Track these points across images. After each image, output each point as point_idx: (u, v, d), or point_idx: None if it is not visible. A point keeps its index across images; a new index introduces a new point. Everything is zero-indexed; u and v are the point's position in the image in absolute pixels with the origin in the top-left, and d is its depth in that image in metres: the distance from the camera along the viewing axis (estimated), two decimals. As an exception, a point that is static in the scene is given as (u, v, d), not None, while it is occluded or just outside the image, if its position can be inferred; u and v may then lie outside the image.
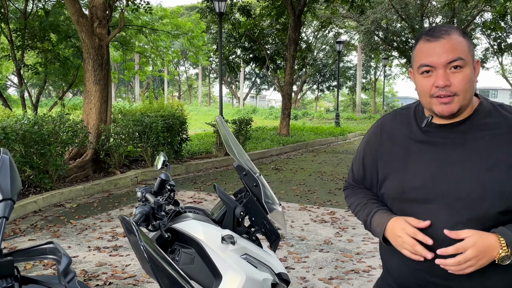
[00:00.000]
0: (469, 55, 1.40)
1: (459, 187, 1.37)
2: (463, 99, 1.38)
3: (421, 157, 1.46)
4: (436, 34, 1.40)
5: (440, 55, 1.38)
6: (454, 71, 1.38)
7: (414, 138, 1.50)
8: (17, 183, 1.10)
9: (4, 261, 0.96)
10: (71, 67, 12.50)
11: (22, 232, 5.52)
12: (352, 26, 34.07)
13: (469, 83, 1.39)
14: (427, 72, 1.41)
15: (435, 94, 1.39)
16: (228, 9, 16.57)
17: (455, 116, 1.42)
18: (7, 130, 6.38)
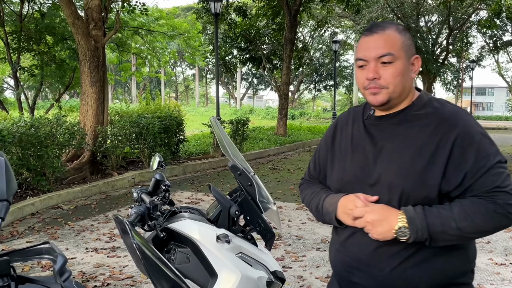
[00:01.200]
0: (402, 50, 1.46)
1: (388, 175, 1.45)
2: (392, 91, 1.46)
3: (360, 148, 1.56)
4: (372, 30, 1.49)
5: (371, 50, 1.46)
6: (384, 65, 1.45)
7: (357, 130, 1.60)
8: (12, 185, 1.12)
9: (0, 261, 0.98)
10: (68, 69, 12.50)
11: (19, 234, 5.53)
12: (348, 26, 34.13)
13: (399, 77, 1.45)
14: (361, 67, 1.49)
15: (367, 86, 1.48)
16: (224, 9, 16.58)
17: (386, 106, 1.50)
18: (3, 132, 6.38)
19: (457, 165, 1.38)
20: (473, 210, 1.35)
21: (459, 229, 1.35)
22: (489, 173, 1.37)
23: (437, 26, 30.67)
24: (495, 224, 1.37)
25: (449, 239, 1.37)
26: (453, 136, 1.40)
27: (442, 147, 1.40)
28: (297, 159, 12.62)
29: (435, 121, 1.44)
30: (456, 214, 1.35)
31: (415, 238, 1.35)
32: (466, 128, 1.42)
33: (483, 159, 1.38)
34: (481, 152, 1.39)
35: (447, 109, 1.48)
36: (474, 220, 1.35)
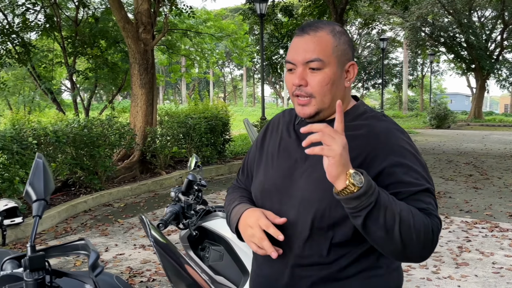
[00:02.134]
0: (333, 56, 1.31)
1: (307, 188, 1.30)
2: (321, 102, 1.32)
3: (286, 154, 1.41)
4: (304, 30, 1.34)
5: (300, 53, 1.31)
6: (312, 71, 1.30)
7: (287, 134, 1.46)
8: (50, 185, 1.22)
9: (36, 256, 1.07)
10: (120, 71, 12.96)
11: (73, 230, 5.82)
12: (397, 23, 33.39)
13: (328, 86, 1.30)
14: (291, 70, 1.35)
15: (294, 92, 1.34)
16: (270, 10, 16.65)
17: (315, 118, 1.35)
18: (58, 133, 6.72)
19: (386, 185, 1.24)
20: (415, 212, 1.20)
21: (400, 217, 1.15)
22: (420, 195, 1.24)
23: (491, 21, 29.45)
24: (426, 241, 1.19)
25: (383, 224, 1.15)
26: (383, 155, 1.27)
27: (369, 165, 1.26)
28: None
29: (366, 135, 1.31)
30: (399, 202, 1.19)
31: (367, 189, 1.11)
32: (397, 149, 1.28)
33: (414, 182, 1.25)
34: (413, 174, 1.26)
35: (380, 125, 1.34)
36: (415, 220, 1.18)
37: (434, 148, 15.41)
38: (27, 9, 11.55)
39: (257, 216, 1.30)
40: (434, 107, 27.39)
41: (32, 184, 1.20)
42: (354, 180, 1.11)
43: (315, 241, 1.30)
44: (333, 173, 1.12)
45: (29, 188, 1.20)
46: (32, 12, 11.74)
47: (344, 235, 1.28)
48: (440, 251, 4.80)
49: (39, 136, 6.47)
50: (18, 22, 11.65)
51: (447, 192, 7.85)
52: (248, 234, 1.32)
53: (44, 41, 14.06)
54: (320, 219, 1.27)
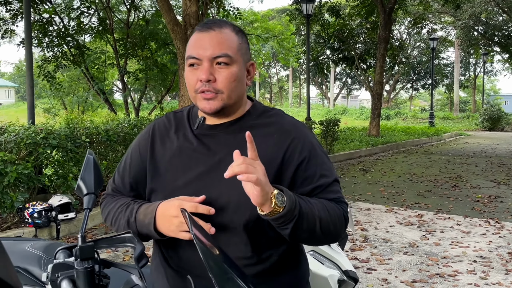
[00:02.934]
0: (239, 53, 1.31)
1: (227, 192, 1.28)
2: (227, 97, 1.30)
3: (192, 162, 1.35)
4: (208, 26, 1.32)
5: (206, 48, 1.28)
6: (220, 67, 1.29)
7: (186, 141, 1.39)
8: (99, 180, 1.30)
9: (86, 246, 1.14)
10: (169, 72, 13.26)
11: (122, 226, 6.02)
12: (448, 22, 32.39)
13: (235, 82, 1.30)
14: (193, 66, 1.31)
15: (199, 89, 1.30)
16: (316, 10, 16.57)
17: (220, 114, 1.33)
18: (109, 132, 6.97)
19: (304, 179, 1.32)
20: (329, 205, 1.30)
21: (319, 218, 1.24)
22: (332, 185, 1.34)
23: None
24: (341, 226, 1.32)
25: (307, 228, 1.23)
26: (298, 150, 1.32)
27: (288, 161, 1.31)
28: (389, 161, 12.27)
29: (277, 132, 1.34)
30: (316, 203, 1.27)
31: (290, 207, 1.16)
32: (308, 142, 1.36)
33: (326, 173, 1.34)
34: (323, 165, 1.35)
35: (286, 120, 1.39)
36: (331, 214, 1.28)
37: (486, 151, 14.86)
38: (82, 13, 12.05)
39: (178, 204, 1.24)
40: (487, 108, 26.43)
41: (83, 179, 1.28)
42: (278, 201, 1.15)
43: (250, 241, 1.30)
44: (259, 201, 1.14)
45: (81, 183, 1.28)
46: (86, 16, 12.24)
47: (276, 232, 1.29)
48: (489, 257, 4.65)
49: (91, 135, 6.74)
50: (73, 25, 12.17)
51: (498, 196, 7.57)
52: (176, 224, 1.23)
53: (97, 43, 14.60)
54: (252, 222, 1.28)
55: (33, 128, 5.87)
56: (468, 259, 4.61)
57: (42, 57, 12.22)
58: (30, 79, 6.83)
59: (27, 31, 6.87)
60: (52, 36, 11.50)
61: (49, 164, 6.27)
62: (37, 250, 1.72)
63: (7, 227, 5.31)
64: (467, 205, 6.96)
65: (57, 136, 5.91)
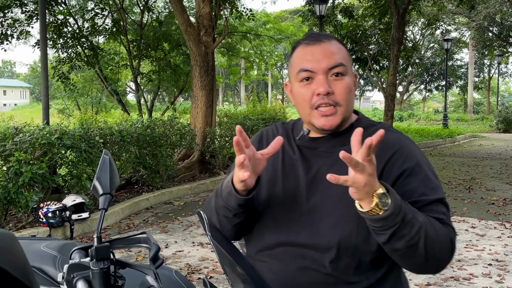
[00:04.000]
0: (349, 63, 1.30)
1: (324, 206, 1.25)
2: (346, 110, 1.27)
3: (292, 172, 1.33)
4: (316, 38, 1.28)
5: (320, 60, 1.25)
6: (336, 78, 1.26)
7: (289, 151, 1.38)
8: (115, 180, 1.30)
9: (102, 246, 1.14)
10: (182, 73, 13.30)
11: (135, 226, 6.05)
12: (462, 23, 32.06)
13: (351, 94, 1.28)
14: (307, 80, 1.27)
15: (316, 103, 1.26)
16: (329, 11, 16.51)
17: (337, 129, 1.30)
18: (123, 133, 7.01)
19: (403, 193, 1.19)
20: (437, 224, 1.18)
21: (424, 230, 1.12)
22: (435, 205, 1.22)
23: None
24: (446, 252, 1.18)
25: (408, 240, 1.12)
26: (398, 163, 1.24)
27: (387, 175, 1.23)
28: (404, 163, 12.17)
29: (380, 147, 1.20)
30: (423, 216, 1.16)
31: (393, 212, 1.07)
32: (411, 156, 1.27)
33: (430, 191, 1.23)
34: (428, 183, 1.24)
35: (391, 135, 1.30)
36: (438, 232, 1.16)
37: (501, 153, 14.67)
38: (96, 14, 12.13)
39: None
40: (502, 110, 26.12)
41: (99, 179, 1.28)
42: (380, 202, 1.07)
43: (342, 260, 1.23)
44: (356, 197, 1.09)
45: (96, 183, 1.28)
46: (100, 17, 12.32)
47: (372, 253, 1.24)
48: (504, 260, 4.58)
49: (105, 136, 6.78)
50: (88, 26, 12.26)
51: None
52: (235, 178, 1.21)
53: (111, 45, 14.70)
54: (350, 240, 1.21)
55: (48, 129, 5.92)
56: (483, 262, 4.55)
57: (57, 58, 12.34)
58: (45, 80, 6.89)
59: (42, 32, 6.94)
60: (67, 37, 11.60)
61: (63, 164, 6.32)
62: (52, 250, 1.72)
63: (21, 227, 5.36)
64: (482, 208, 6.87)
65: (71, 137, 5.95)
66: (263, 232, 1.34)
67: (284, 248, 1.28)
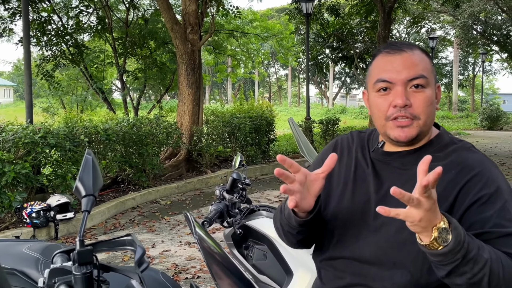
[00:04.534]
0: (432, 75, 1.24)
1: (391, 225, 1.20)
2: (423, 124, 1.22)
3: (362, 185, 1.31)
4: (397, 47, 1.24)
5: (400, 71, 1.21)
6: (415, 90, 1.21)
7: (362, 162, 1.35)
8: (98, 181, 1.25)
9: (84, 250, 1.10)
10: (168, 71, 13.21)
11: (121, 226, 5.98)
12: (447, 21, 32.36)
13: (431, 107, 1.22)
14: (384, 90, 1.23)
15: (392, 115, 1.21)
16: (316, 9, 16.53)
17: (413, 142, 1.25)
18: (108, 131, 6.93)
19: (474, 221, 1.14)
20: (506, 260, 1.09)
21: (489, 268, 1.06)
22: (509, 238, 1.12)
23: (548, 18, 28.07)
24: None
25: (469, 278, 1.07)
26: (476, 188, 1.16)
27: (462, 199, 1.16)
28: (391, 160, 12.24)
29: (457, 168, 1.19)
30: (490, 250, 1.09)
31: (453, 248, 1.02)
32: (491, 181, 1.17)
33: (505, 222, 1.13)
34: (506, 213, 1.14)
35: (473, 156, 1.23)
36: (505, 269, 1.08)
37: (485, 150, 14.83)
38: (81, 12, 11.99)
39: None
40: (486, 107, 26.40)
41: (82, 180, 1.23)
42: (439, 237, 1.02)
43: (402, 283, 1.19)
44: (413, 230, 1.05)
45: (79, 184, 1.23)
46: (85, 14, 12.19)
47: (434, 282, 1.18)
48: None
49: (90, 134, 6.69)
50: (72, 24, 12.11)
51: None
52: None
53: (96, 42, 14.54)
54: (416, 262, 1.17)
55: (32, 128, 5.82)
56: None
57: (41, 56, 12.16)
58: (28, 78, 6.78)
59: (25, 29, 6.82)
60: (51, 35, 11.44)
61: (48, 164, 6.22)
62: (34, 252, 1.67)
63: (5, 227, 5.26)
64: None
65: (55, 136, 5.86)
66: (328, 244, 1.33)
67: (347, 261, 1.28)
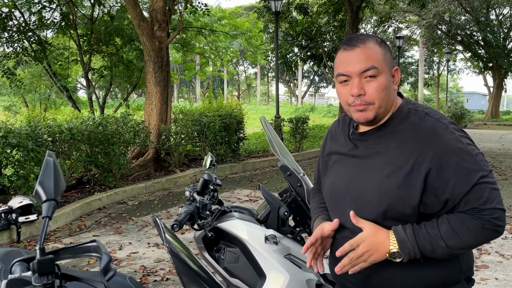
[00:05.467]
0: (384, 63, 1.41)
1: (365, 193, 1.42)
2: (378, 107, 1.41)
3: (345, 162, 1.53)
4: (352, 43, 1.42)
5: (354, 65, 1.40)
6: (369, 79, 1.39)
7: (344, 144, 1.57)
8: (60, 184, 1.17)
9: (45, 259, 1.02)
10: (135, 69, 12.99)
11: (87, 228, 5.81)
12: (413, 21, 33.04)
13: (384, 91, 1.40)
14: (345, 81, 1.43)
15: (352, 103, 1.42)
16: (285, 8, 16.56)
17: (372, 122, 1.45)
18: (73, 131, 6.73)
19: (435, 190, 1.34)
20: (460, 227, 1.32)
21: (448, 247, 1.32)
22: (471, 192, 1.32)
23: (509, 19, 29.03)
24: (483, 239, 1.35)
25: (440, 256, 1.35)
26: (428, 158, 1.34)
27: (417, 169, 1.35)
28: (359, 158, 12.38)
29: (412, 138, 1.39)
30: (444, 232, 1.32)
31: (409, 258, 1.34)
32: (442, 146, 1.34)
33: (463, 179, 1.32)
34: (460, 171, 1.32)
35: (425, 124, 1.40)
36: (462, 238, 1.32)
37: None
38: (43, 7, 11.63)
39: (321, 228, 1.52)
40: (451, 106, 27.08)
41: (42, 184, 1.14)
42: (392, 257, 1.35)
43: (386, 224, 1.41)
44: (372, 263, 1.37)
45: (39, 188, 1.14)
46: (48, 10, 11.82)
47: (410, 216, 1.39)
48: (459, 253, 4.69)
49: (54, 134, 6.48)
50: (34, 20, 11.74)
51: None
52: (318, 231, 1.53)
53: (60, 39, 14.16)
54: (384, 218, 1.39)
55: (-9, 127, 5.59)
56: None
57: (2, 53, 11.74)
58: (-12, 75, 6.51)
59: (-16, 25, 6.55)
60: (12, 31, 11.06)
61: (9, 164, 6.00)
62: (-7, 259, 1.57)
63: (-37, 231, 5.04)
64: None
65: (17, 135, 5.65)
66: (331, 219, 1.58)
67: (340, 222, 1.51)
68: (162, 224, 0.93)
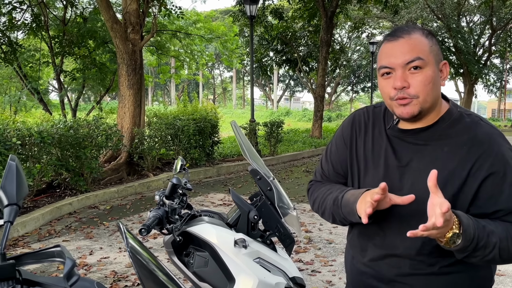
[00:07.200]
0: (431, 55, 1.32)
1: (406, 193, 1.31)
2: (423, 101, 1.32)
3: (382, 161, 1.44)
4: (396, 34, 1.35)
5: (398, 56, 1.32)
6: (414, 71, 1.31)
7: (379, 139, 1.47)
8: (23, 189, 1.15)
9: (5, 265, 1.00)
10: (108, 72, 12.81)
11: (57, 233, 5.71)
12: (386, 27, 33.61)
13: (430, 85, 1.31)
14: (387, 74, 1.35)
15: (394, 96, 1.33)
16: (260, 12, 16.64)
17: (417, 119, 1.36)
18: (43, 134, 6.60)
19: (489, 197, 1.30)
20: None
21: (498, 248, 1.26)
22: None
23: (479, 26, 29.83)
24: None
25: (485, 257, 1.28)
26: (487, 165, 1.29)
27: (474, 175, 1.30)
28: (332, 162, 12.49)
29: (468, 143, 1.32)
30: (500, 232, 1.27)
31: (462, 247, 1.23)
32: (500, 156, 1.30)
33: None
34: None
35: (482, 131, 1.34)
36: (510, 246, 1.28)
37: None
38: (14, 8, 11.39)
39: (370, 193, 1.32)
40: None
41: (4, 188, 1.13)
42: (451, 239, 1.22)
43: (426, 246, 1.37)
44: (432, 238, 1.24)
45: (1, 193, 1.12)
46: (18, 11, 11.58)
47: None
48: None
49: (23, 137, 6.35)
50: (4, 21, 11.48)
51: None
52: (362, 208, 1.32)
53: (31, 41, 13.89)
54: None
55: (-42, 130, 5.45)
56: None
57: (-30, 54, 11.45)
58: (-45, 77, 6.34)
59: (-49, 25, 6.38)
60: (-19, 32, 10.80)
61: (-24, 168, 5.84)
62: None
63: None
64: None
65: (-16, 138, 5.51)
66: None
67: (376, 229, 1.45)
68: (124, 229, 0.93)
